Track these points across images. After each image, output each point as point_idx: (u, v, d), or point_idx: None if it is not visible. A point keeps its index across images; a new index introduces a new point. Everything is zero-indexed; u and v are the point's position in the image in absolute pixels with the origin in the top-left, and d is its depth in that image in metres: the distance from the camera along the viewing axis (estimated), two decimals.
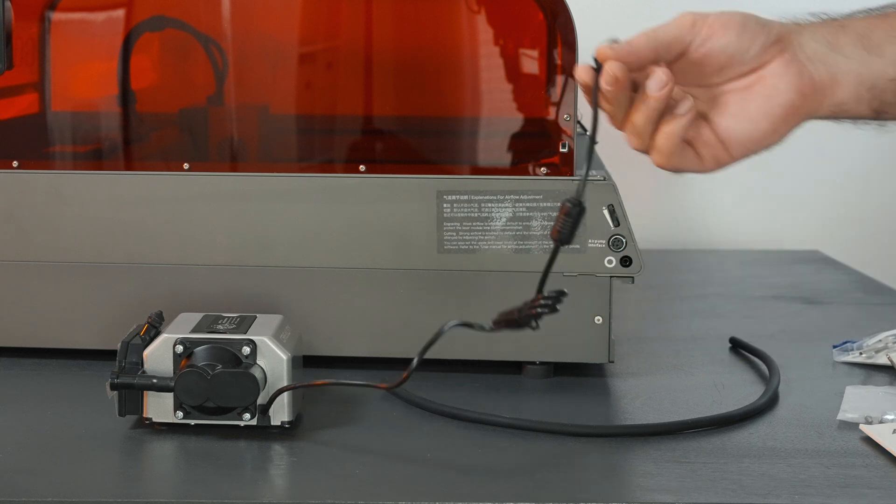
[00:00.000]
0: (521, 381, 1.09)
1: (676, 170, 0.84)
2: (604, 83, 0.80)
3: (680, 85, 0.83)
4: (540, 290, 0.83)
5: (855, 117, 0.87)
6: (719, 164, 0.85)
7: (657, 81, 0.81)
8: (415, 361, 0.87)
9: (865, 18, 0.87)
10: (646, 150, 0.83)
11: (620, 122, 0.83)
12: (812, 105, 0.84)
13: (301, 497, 0.84)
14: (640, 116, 0.82)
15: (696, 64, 0.82)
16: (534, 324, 0.83)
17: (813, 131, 1.88)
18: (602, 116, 0.83)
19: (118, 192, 1.10)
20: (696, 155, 0.84)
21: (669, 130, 0.82)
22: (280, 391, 0.92)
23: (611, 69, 0.79)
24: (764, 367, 1.12)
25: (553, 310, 0.83)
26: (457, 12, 1.17)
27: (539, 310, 0.83)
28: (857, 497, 0.84)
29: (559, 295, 0.83)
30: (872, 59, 0.85)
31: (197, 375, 0.90)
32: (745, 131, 0.84)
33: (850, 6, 0.89)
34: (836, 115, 0.86)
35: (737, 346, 1.20)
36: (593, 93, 0.81)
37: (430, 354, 1.09)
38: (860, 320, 1.33)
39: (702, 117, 0.84)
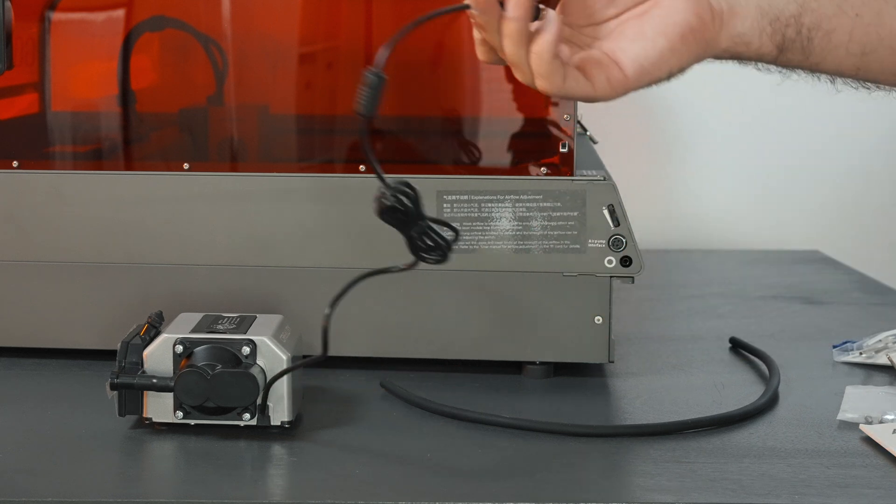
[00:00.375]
0: (521, 381, 1.09)
1: (566, 95, 0.81)
2: (473, 7, 0.79)
3: (576, 23, 0.82)
4: (381, 179, 0.84)
5: (757, 55, 0.84)
6: (615, 88, 0.81)
7: (514, 3, 0.79)
8: (328, 313, 0.87)
9: None
10: (532, 82, 0.81)
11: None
12: (711, 32, 0.82)
13: (301, 497, 0.84)
14: (507, 43, 0.80)
15: None
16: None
17: (813, 130, 1.87)
18: None
19: (118, 192, 1.10)
20: (585, 79, 0.81)
21: (537, 50, 0.79)
22: (271, 383, 0.92)
23: None
24: (764, 367, 1.12)
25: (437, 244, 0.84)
26: (457, 12, 1.16)
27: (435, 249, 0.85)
28: (857, 497, 0.84)
29: (448, 242, 0.85)
30: None
31: (197, 375, 0.90)
32: (641, 49, 0.80)
33: None
34: (739, 50, 0.84)
35: (737, 346, 1.20)
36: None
37: (430, 354, 1.10)
38: (860, 320, 1.33)
39: (596, 47, 0.82)
